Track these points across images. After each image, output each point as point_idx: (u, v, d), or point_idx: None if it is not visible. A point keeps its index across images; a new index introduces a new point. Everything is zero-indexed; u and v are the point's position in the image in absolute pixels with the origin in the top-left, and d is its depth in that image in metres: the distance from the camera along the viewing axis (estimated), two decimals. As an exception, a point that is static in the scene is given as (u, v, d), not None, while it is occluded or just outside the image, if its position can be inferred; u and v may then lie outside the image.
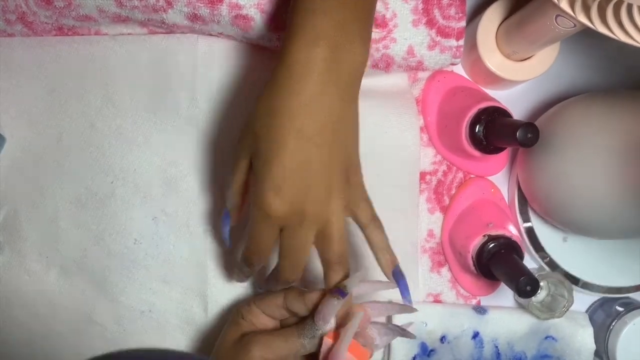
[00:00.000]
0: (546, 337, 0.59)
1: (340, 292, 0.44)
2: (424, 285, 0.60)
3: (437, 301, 0.60)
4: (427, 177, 0.59)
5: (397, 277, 0.48)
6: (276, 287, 0.49)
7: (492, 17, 0.55)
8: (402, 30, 0.52)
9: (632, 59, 0.61)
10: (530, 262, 0.61)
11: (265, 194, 0.42)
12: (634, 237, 0.57)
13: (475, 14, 0.58)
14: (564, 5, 0.41)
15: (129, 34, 0.55)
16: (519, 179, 0.58)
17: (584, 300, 0.62)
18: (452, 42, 0.53)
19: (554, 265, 0.60)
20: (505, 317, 0.59)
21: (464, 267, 0.58)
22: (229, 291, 0.56)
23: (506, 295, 0.61)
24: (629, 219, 0.49)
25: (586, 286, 0.60)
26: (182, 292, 0.56)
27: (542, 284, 0.57)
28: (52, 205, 0.55)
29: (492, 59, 0.55)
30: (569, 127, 0.52)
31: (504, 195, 0.61)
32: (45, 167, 0.55)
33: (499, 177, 0.61)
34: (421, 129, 0.59)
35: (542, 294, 0.58)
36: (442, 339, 0.59)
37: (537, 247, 0.60)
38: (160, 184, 0.55)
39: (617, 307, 0.61)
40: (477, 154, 0.54)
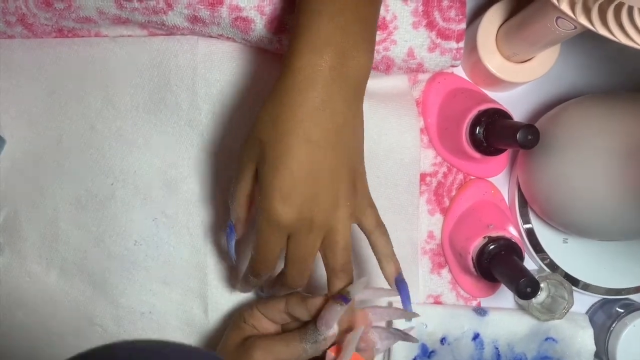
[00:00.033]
0: (546, 339, 0.59)
1: (343, 298, 0.44)
2: (424, 286, 0.60)
3: (437, 302, 0.60)
4: (427, 178, 0.59)
5: (400, 285, 0.47)
6: (281, 292, 0.49)
7: (492, 19, 0.55)
8: (403, 32, 0.52)
9: (632, 61, 0.61)
10: (530, 263, 0.61)
11: (273, 201, 0.42)
12: (634, 238, 0.56)
13: (475, 16, 0.58)
14: (565, 7, 0.41)
15: (129, 36, 0.55)
16: (519, 180, 0.58)
17: (584, 301, 0.62)
18: (453, 44, 0.53)
19: (554, 266, 0.60)
20: (505, 318, 0.59)
21: (464, 268, 0.58)
22: (229, 293, 0.56)
23: (506, 296, 0.61)
24: (630, 221, 0.49)
25: (586, 287, 0.60)
26: (182, 294, 0.56)
27: (542, 286, 0.57)
28: (52, 206, 0.55)
29: (493, 60, 0.55)
30: (569, 128, 0.52)
31: (504, 196, 0.61)
32: (45, 169, 0.55)
33: (499, 178, 0.61)
34: (421, 130, 0.59)
35: (542, 296, 0.58)
36: (443, 341, 0.59)
37: (537, 248, 0.60)
38: (160, 186, 0.55)
39: (618, 308, 0.61)
40: (477, 155, 0.54)
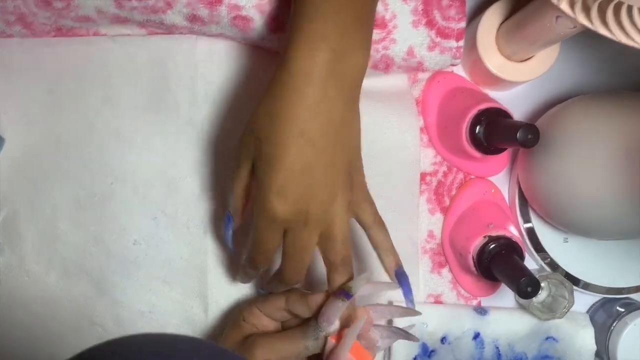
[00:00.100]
0: (547, 338, 0.59)
1: (345, 293, 0.44)
2: (424, 286, 0.60)
3: (437, 302, 0.60)
4: (428, 178, 0.59)
5: (400, 278, 0.47)
6: (279, 288, 0.49)
7: (492, 18, 0.55)
8: (402, 31, 0.52)
9: (632, 60, 0.61)
10: (530, 262, 0.61)
11: (268, 196, 0.42)
12: (635, 237, 0.57)
13: (475, 15, 0.58)
14: (564, 6, 0.41)
15: (128, 35, 0.55)
16: (520, 179, 0.58)
17: (585, 300, 0.62)
18: (452, 43, 0.53)
19: (554, 265, 0.60)
20: (506, 317, 0.59)
21: (464, 267, 0.58)
22: (229, 292, 0.56)
23: (507, 296, 0.61)
24: (630, 220, 0.49)
25: (587, 287, 0.60)
26: (182, 293, 0.56)
27: (542, 285, 0.57)
28: (51, 206, 0.55)
29: (492, 59, 0.55)
30: (569, 128, 0.52)
31: (504, 196, 0.61)
32: (44, 168, 0.55)
33: (499, 177, 0.61)
34: (421, 129, 0.59)
35: (542, 295, 0.58)
36: (443, 340, 0.59)
37: (538, 247, 0.60)
38: (160, 185, 0.55)
39: (618, 307, 0.61)
40: (477, 154, 0.54)
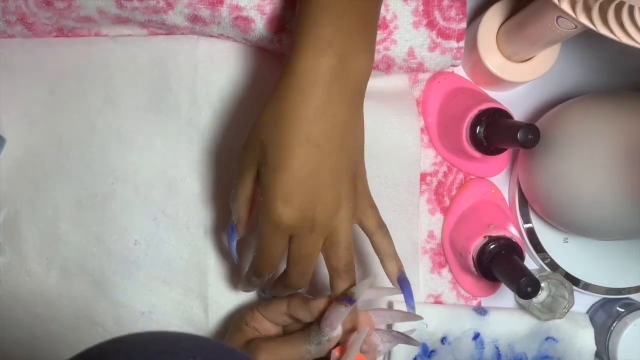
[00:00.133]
0: (547, 338, 0.59)
1: (348, 299, 0.44)
2: (424, 286, 0.60)
3: (437, 302, 0.60)
4: (428, 178, 0.59)
5: (402, 284, 0.48)
6: (283, 293, 0.49)
7: (492, 18, 0.55)
8: (403, 31, 0.52)
9: (632, 60, 0.61)
10: (530, 263, 0.61)
11: (275, 202, 0.42)
12: (635, 237, 0.57)
13: (475, 15, 0.58)
14: (565, 6, 0.41)
15: (129, 35, 0.55)
16: (520, 180, 0.58)
17: (585, 301, 0.62)
18: (453, 44, 0.53)
19: (554, 266, 0.60)
20: (506, 318, 0.59)
21: (464, 268, 0.58)
22: (229, 292, 0.56)
23: (507, 296, 0.61)
24: (630, 220, 0.49)
25: (587, 287, 0.60)
26: (182, 293, 0.56)
27: (542, 285, 0.57)
28: (52, 206, 0.55)
29: (493, 60, 0.55)
30: (569, 128, 0.52)
31: (504, 196, 0.61)
32: (45, 168, 0.55)
33: (499, 178, 0.61)
34: (422, 130, 0.59)
35: (542, 295, 0.58)
36: (443, 340, 0.59)
37: (538, 248, 0.60)
38: (160, 185, 0.55)
39: (618, 308, 0.61)
40: (477, 155, 0.54)
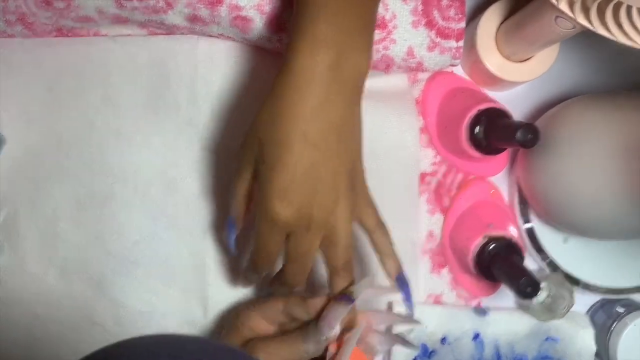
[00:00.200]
0: (547, 338, 0.59)
1: (346, 298, 0.44)
2: (424, 286, 0.60)
3: (437, 302, 0.60)
4: (427, 178, 0.59)
5: (401, 283, 0.48)
6: (280, 291, 0.49)
7: (491, 18, 0.55)
8: (402, 31, 0.52)
9: (631, 60, 0.61)
10: (530, 263, 0.61)
11: (271, 200, 0.42)
12: (634, 237, 0.56)
13: (474, 15, 0.58)
14: (563, 6, 0.41)
15: (128, 35, 0.55)
16: (519, 179, 0.58)
17: (585, 301, 0.62)
18: (452, 43, 0.53)
19: (554, 266, 0.60)
20: (505, 318, 0.59)
21: (464, 268, 0.58)
22: (228, 292, 0.56)
23: (507, 296, 0.61)
24: (630, 220, 0.49)
25: (587, 287, 0.60)
26: (182, 293, 0.56)
27: (542, 285, 0.57)
28: (52, 205, 0.55)
29: (492, 60, 0.55)
30: (569, 128, 0.52)
31: (504, 196, 0.61)
32: (45, 168, 0.55)
33: (499, 177, 0.61)
34: (421, 130, 0.59)
35: (542, 295, 0.58)
36: (443, 340, 0.59)
37: (538, 248, 0.60)
38: (160, 185, 0.55)
39: (618, 308, 0.61)
40: (477, 154, 0.54)
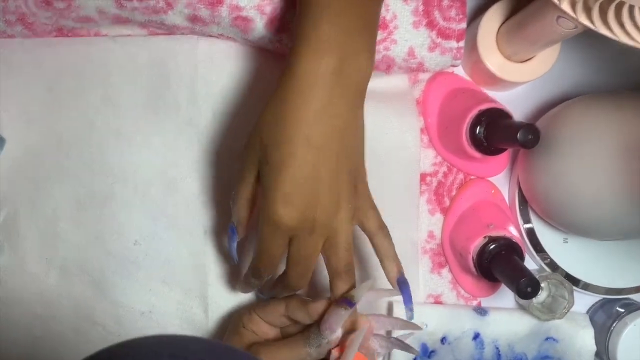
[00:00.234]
0: (547, 338, 0.59)
1: (347, 302, 0.44)
2: (424, 286, 0.60)
3: (437, 302, 0.60)
4: (428, 178, 0.59)
5: (402, 286, 0.48)
6: (282, 294, 0.49)
7: (492, 18, 0.55)
8: (403, 31, 0.52)
9: (633, 60, 0.61)
10: (530, 263, 0.61)
11: (275, 203, 0.42)
12: (635, 238, 0.56)
13: (475, 15, 0.58)
14: (565, 6, 0.41)
15: (128, 35, 0.55)
16: (520, 180, 0.58)
17: (585, 301, 0.62)
18: (453, 44, 0.53)
19: (554, 266, 0.60)
20: (505, 318, 0.59)
21: (464, 268, 0.58)
22: (229, 292, 0.56)
23: (507, 296, 0.61)
24: (630, 220, 0.49)
25: (587, 287, 0.60)
26: (182, 293, 0.56)
27: (542, 285, 0.57)
28: (52, 205, 0.55)
29: (493, 60, 0.55)
30: (569, 128, 0.52)
31: (504, 196, 0.61)
32: (45, 168, 0.55)
33: (499, 178, 0.61)
34: (421, 130, 0.59)
35: (542, 295, 0.58)
36: (443, 340, 0.59)
37: (538, 248, 0.60)
38: (160, 185, 0.55)
39: (618, 308, 0.61)
40: (477, 155, 0.54)
